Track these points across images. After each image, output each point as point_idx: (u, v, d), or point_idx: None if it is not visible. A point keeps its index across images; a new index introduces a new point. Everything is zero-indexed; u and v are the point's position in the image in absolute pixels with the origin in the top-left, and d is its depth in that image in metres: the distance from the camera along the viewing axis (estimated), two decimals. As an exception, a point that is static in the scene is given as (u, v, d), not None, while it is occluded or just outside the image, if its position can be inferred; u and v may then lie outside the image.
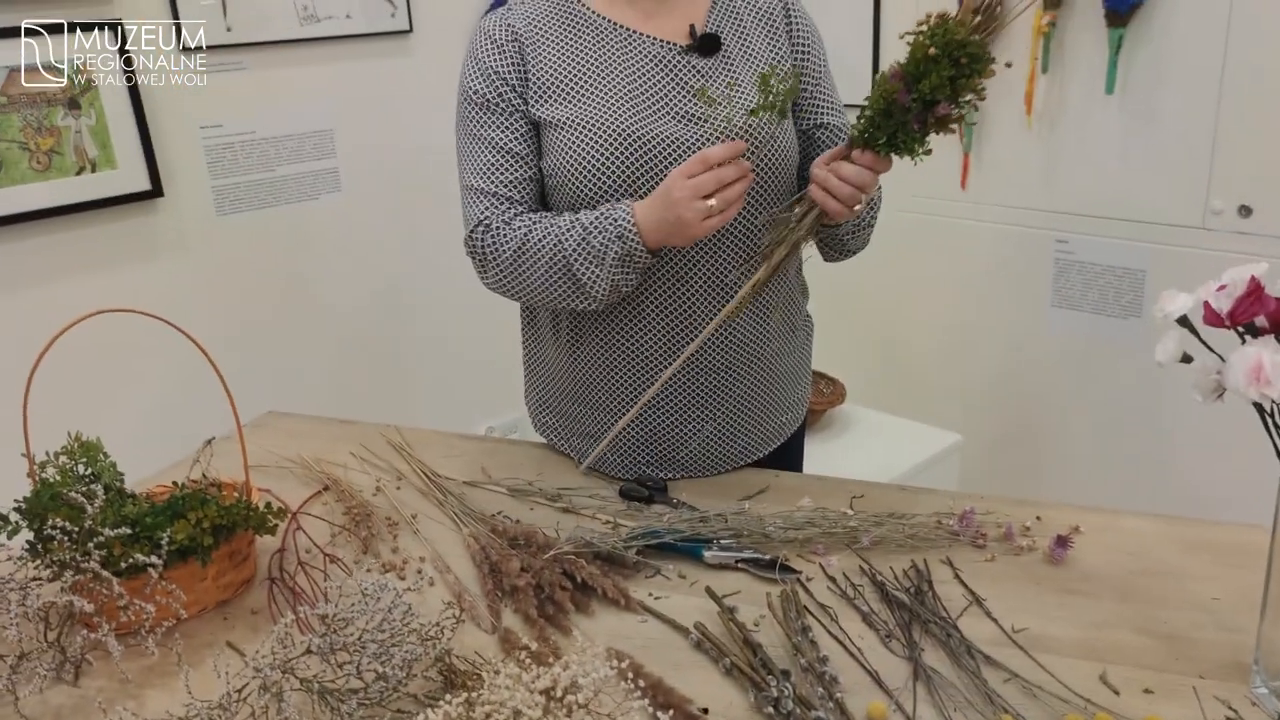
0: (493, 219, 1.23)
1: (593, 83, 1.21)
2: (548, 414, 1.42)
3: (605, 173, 1.19)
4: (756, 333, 1.29)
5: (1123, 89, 1.86)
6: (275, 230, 2.10)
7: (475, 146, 1.24)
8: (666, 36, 1.23)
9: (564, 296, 1.21)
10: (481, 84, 1.23)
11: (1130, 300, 1.98)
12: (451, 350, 2.46)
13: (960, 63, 1.01)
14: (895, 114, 1.04)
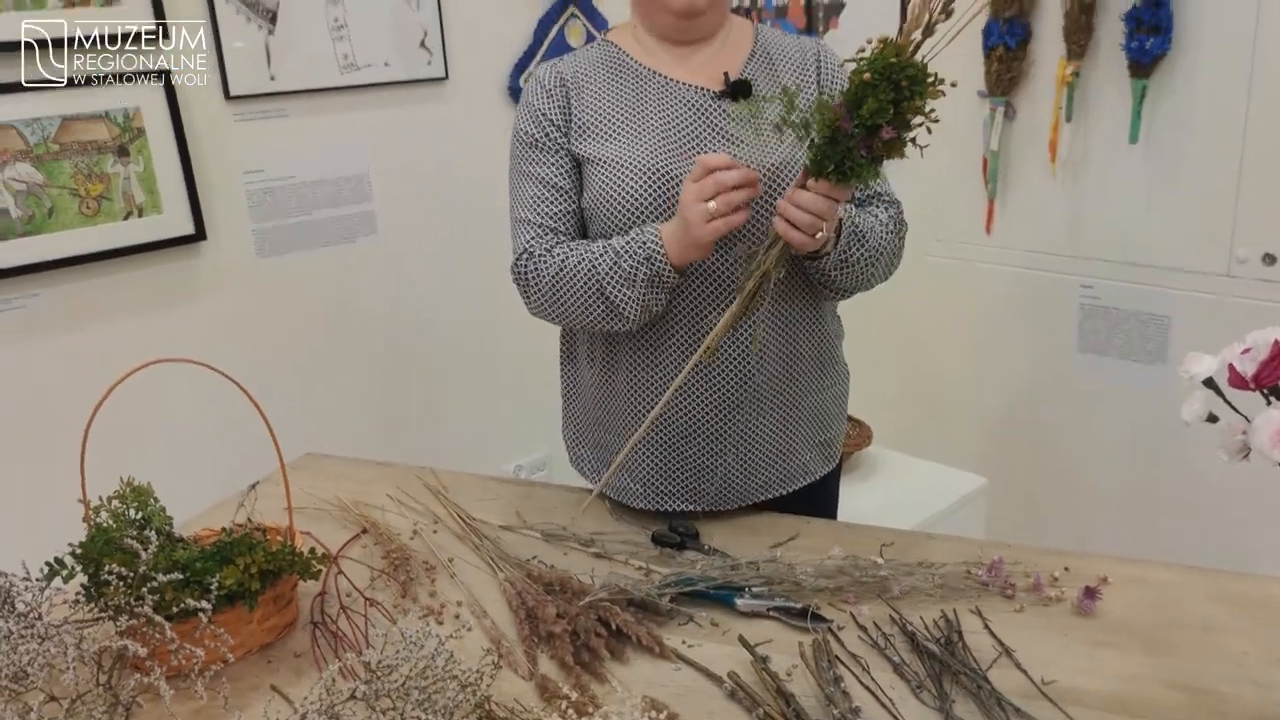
0: (536, 248, 1.32)
1: (630, 124, 1.30)
2: (582, 446, 1.47)
3: (638, 207, 1.26)
4: (783, 369, 1.33)
5: (1147, 138, 1.88)
6: (314, 272, 2.15)
7: (523, 181, 1.34)
8: (702, 83, 1.31)
9: (599, 318, 1.28)
10: (530, 125, 1.33)
11: (1155, 346, 1.99)
12: (482, 389, 2.50)
13: (901, 86, 1.03)
14: (841, 141, 1.07)
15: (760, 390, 1.32)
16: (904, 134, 1.07)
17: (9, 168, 1.72)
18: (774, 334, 1.31)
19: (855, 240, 1.25)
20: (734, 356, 1.30)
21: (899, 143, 1.07)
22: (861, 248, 1.26)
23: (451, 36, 2.25)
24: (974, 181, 2.14)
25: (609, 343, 1.36)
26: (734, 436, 1.33)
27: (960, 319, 2.28)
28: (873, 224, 1.28)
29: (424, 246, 2.32)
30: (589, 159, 1.31)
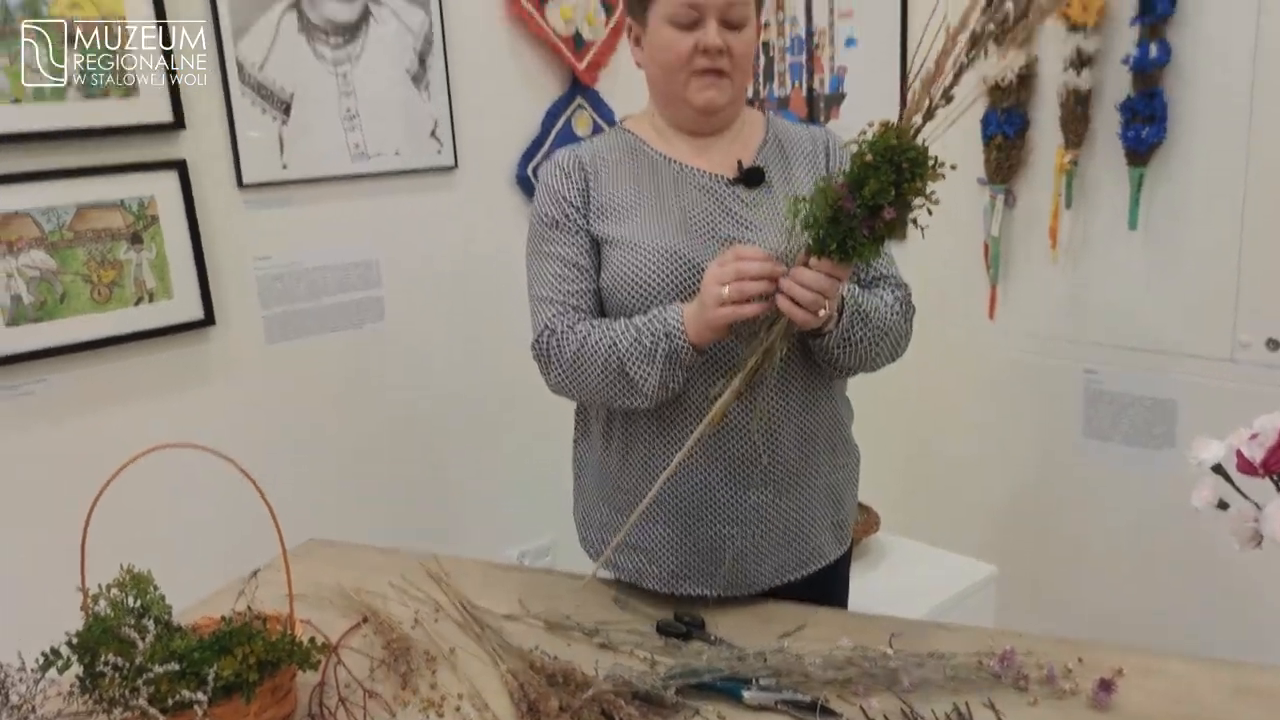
0: (557, 325, 1.34)
1: (647, 208, 1.34)
2: (593, 529, 1.47)
3: (654, 288, 1.29)
4: (796, 447, 1.34)
5: (1146, 225, 1.90)
6: (321, 357, 2.17)
7: (543, 261, 1.38)
8: (716, 170, 1.36)
9: (618, 394, 1.30)
10: (550, 206, 1.37)
11: (1162, 431, 1.99)
12: (486, 475, 2.49)
13: (902, 168, 1.06)
14: (843, 220, 1.10)
15: (773, 468, 1.32)
16: (905, 214, 1.09)
17: (23, 255, 1.75)
18: (787, 412, 1.32)
19: (858, 319, 1.26)
20: (746, 434, 1.31)
21: (900, 223, 1.10)
22: (865, 327, 1.27)
23: (461, 127, 2.30)
24: (976, 267, 2.16)
25: (623, 420, 1.38)
26: (748, 516, 1.33)
27: (965, 403, 2.28)
28: (877, 304, 1.30)
29: (430, 332, 2.34)
30: (607, 240, 1.34)
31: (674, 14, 1.29)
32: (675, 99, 1.34)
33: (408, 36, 2.17)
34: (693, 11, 1.28)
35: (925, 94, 1.10)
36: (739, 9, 1.29)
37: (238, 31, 1.94)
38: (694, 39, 1.29)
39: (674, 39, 1.29)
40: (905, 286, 1.39)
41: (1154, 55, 1.78)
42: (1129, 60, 1.81)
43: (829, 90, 2.29)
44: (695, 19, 1.29)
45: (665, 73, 1.32)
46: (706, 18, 1.28)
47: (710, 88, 1.31)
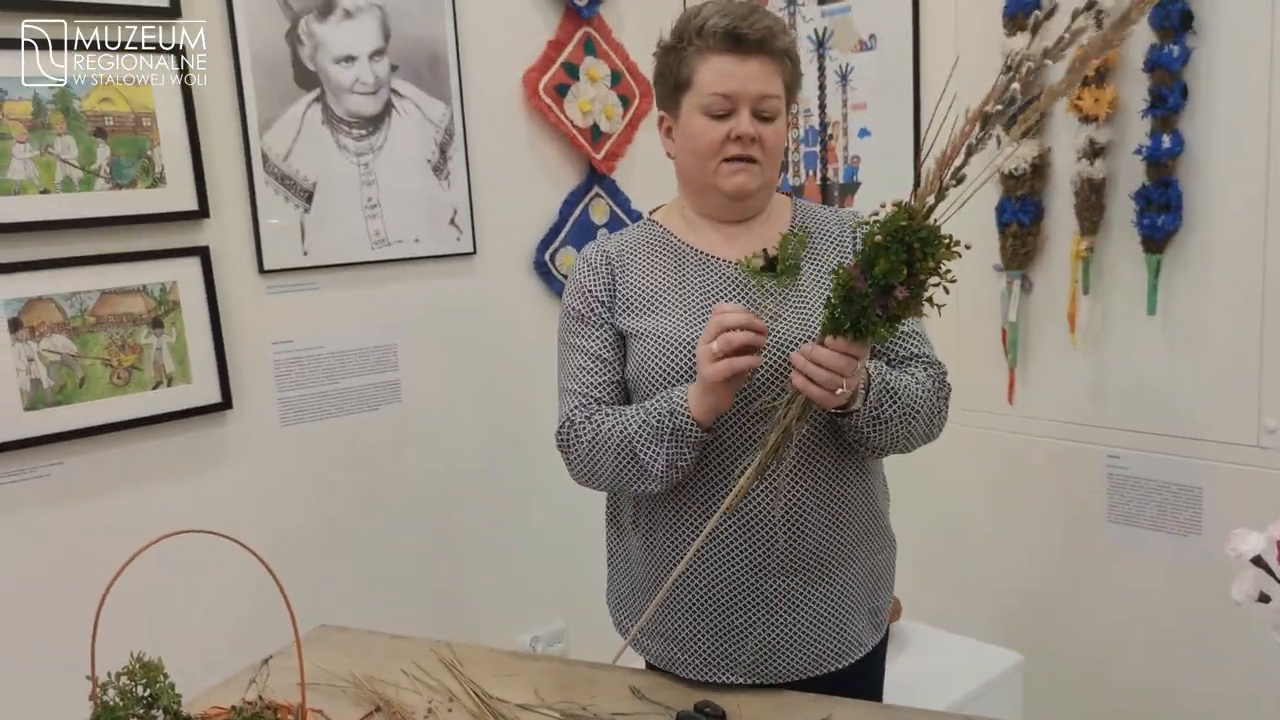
0: (577, 416, 1.35)
1: (672, 299, 1.36)
2: (627, 615, 1.47)
3: (676, 377, 1.30)
4: (832, 533, 1.32)
5: (1165, 310, 1.90)
6: (336, 440, 2.16)
7: (569, 353, 1.40)
8: (741, 258, 1.35)
9: (631, 479, 1.31)
10: (577, 300, 1.40)
11: (1189, 517, 1.95)
12: (499, 558, 2.46)
13: (913, 247, 1.06)
14: (855, 300, 1.10)
15: (799, 555, 1.31)
16: (919, 294, 1.09)
17: (45, 339, 1.76)
18: (816, 497, 1.31)
19: (887, 397, 1.25)
20: (767, 519, 1.29)
21: (914, 302, 1.10)
22: (894, 404, 1.26)
23: (480, 214, 2.34)
24: (994, 352, 2.15)
25: (649, 506, 1.37)
26: (774, 604, 1.31)
27: (986, 487, 2.25)
28: (907, 382, 1.30)
29: (445, 415, 2.33)
30: (632, 332, 1.36)
31: (708, 104, 1.32)
32: (706, 186, 1.36)
33: (429, 128, 2.22)
34: (726, 102, 1.31)
35: (938, 174, 1.11)
36: (771, 101, 1.32)
37: (264, 124, 1.98)
38: (726, 128, 1.31)
39: (707, 128, 1.32)
40: (939, 365, 1.38)
41: (1167, 146, 1.79)
42: (1142, 151, 1.83)
43: (843, 180, 2.32)
44: (728, 109, 1.31)
45: (697, 160, 1.34)
46: (739, 108, 1.31)
47: (741, 173, 1.33)
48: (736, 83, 1.30)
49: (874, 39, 2.23)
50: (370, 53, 2.11)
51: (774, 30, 1.32)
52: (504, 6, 2.34)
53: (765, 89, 1.32)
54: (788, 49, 1.35)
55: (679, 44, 1.35)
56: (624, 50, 2.53)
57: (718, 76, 1.31)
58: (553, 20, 2.41)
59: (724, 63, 1.31)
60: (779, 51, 1.33)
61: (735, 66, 1.30)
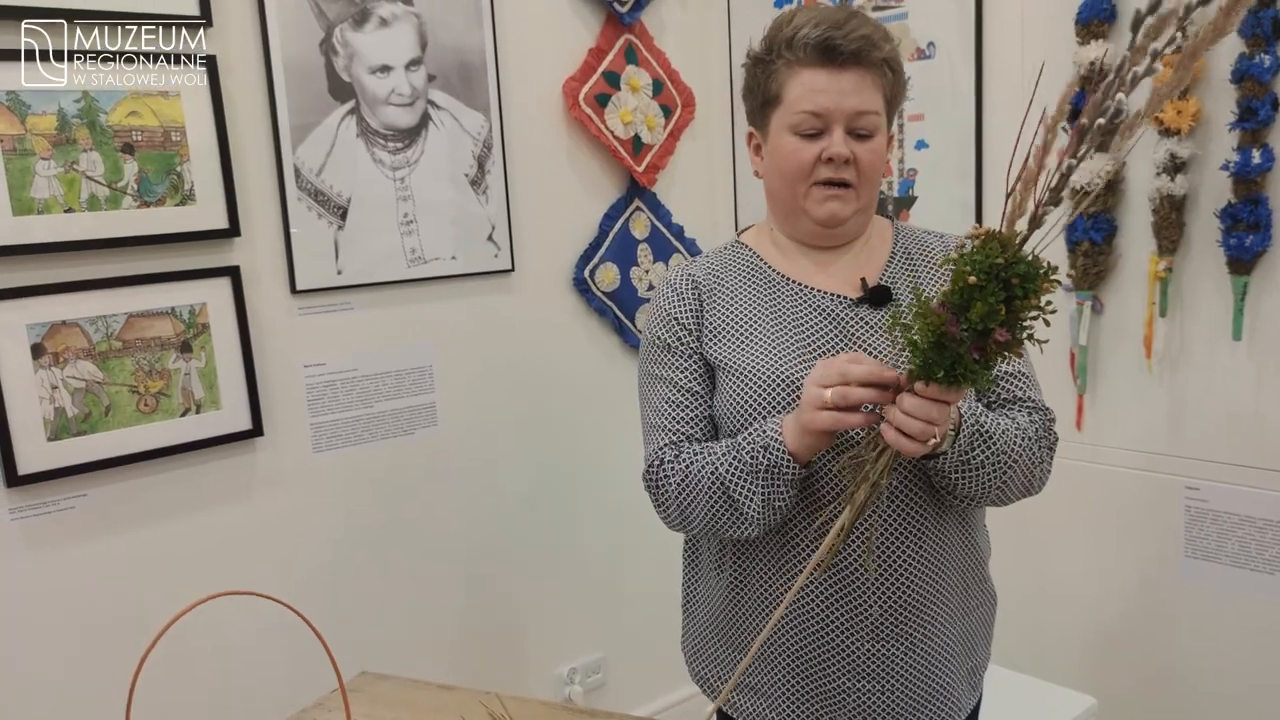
0: (665, 455, 1.25)
1: (763, 331, 1.24)
2: (703, 663, 1.36)
3: (768, 416, 1.20)
4: (927, 595, 1.21)
5: (1251, 335, 1.79)
6: (369, 466, 2.07)
7: (654, 385, 1.29)
8: (839, 289, 1.26)
9: (726, 522, 1.20)
10: (662, 328, 1.29)
11: (1274, 554, 1.83)
12: (537, 589, 2.36)
13: (1011, 284, 0.94)
14: (949, 346, 0.98)
15: (905, 617, 1.20)
16: (1019, 333, 0.98)
17: (69, 366, 1.68)
18: (917, 554, 1.20)
19: (979, 440, 1.14)
20: (859, 578, 1.19)
21: (1015, 343, 0.98)
22: (987, 449, 1.15)
23: (519, 230, 2.24)
24: (1063, 376, 2.04)
25: (735, 552, 1.27)
26: (870, 669, 1.20)
27: (1056, 519, 2.13)
28: (1006, 426, 1.18)
29: (483, 437, 2.24)
30: (721, 365, 1.25)
31: (797, 122, 1.20)
32: (795, 211, 1.25)
33: (466, 140, 2.12)
34: (817, 120, 1.20)
35: (1028, 196, 1.00)
36: (868, 118, 1.20)
37: (296, 137, 1.89)
38: (818, 148, 1.20)
39: (797, 148, 1.21)
40: (1046, 411, 1.27)
41: (1257, 161, 1.68)
42: (1228, 166, 1.72)
43: (899, 193, 2.22)
44: (820, 128, 1.20)
45: (786, 183, 1.24)
46: (832, 126, 1.19)
47: (833, 199, 1.22)
48: (829, 99, 1.18)
49: (932, 47, 2.13)
50: (407, 62, 2.02)
51: (872, 39, 1.20)
52: (544, 13, 2.24)
53: (861, 104, 1.19)
54: (888, 58, 1.22)
55: (768, 56, 1.23)
56: (665, 58, 2.43)
57: (808, 92, 1.19)
58: (594, 27, 2.31)
59: (816, 77, 1.19)
60: (878, 62, 1.20)
61: (828, 81, 1.19)
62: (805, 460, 1.15)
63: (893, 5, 2.17)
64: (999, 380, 1.26)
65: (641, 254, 2.45)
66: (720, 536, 1.27)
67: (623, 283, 2.41)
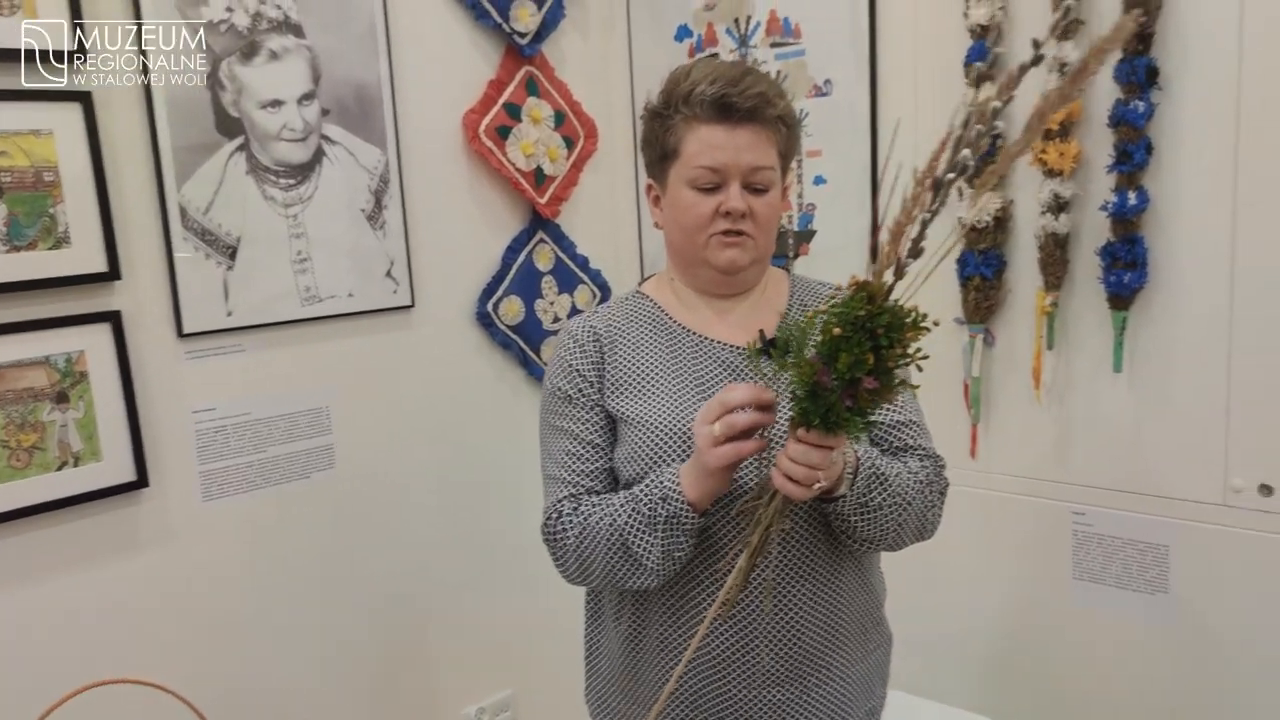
0: (565, 506, 1.25)
1: (664, 384, 1.25)
2: (605, 716, 1.37)
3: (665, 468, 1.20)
4: (825, 638, 1.23)
5: (1131, 367, 1.86)
6: (264, 513, 2.00)
7: (555, 436, 1.29)
8: (738, 340, 1.28)
9: (625, 574, 1.20)
10: (563, 380, 1.29)
11: (1155, 575, 1.92)
12: (441, 629, 2.32)
13: (877, 334, 0.97)
14: (822, 395, 1.01)
15: (802, 662, 1.21)
16: (890, 381, 1.01)
17: (-66, 422, 1.58)
18: (812, 599, 1.22)
19: (876, 483, 1.17)
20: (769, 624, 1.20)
21: (885, 391, 1.01)
22: (884, 491, 1.18)
23: (418, 265, 2.20)
24: (957, 406, 2.10)
25: (634, 603, 1.28)
26: (775, 716, 1.21)
27: (952, 544, 2.18)
28: (900, 470, 1.22)
29: (384, 476, 2.19)
30: (622, 417, 1.26)
31: (695, 177, 1.22)
32: (695, 261, 1.26)
33: (362, 175, 2.07)
34: (714, 175, 1.21)
35: (895, 248, 1.02)
36: (763, 173, 1.23)
37: (181, 174, 1.82)
38: (716, 201, 1.22)
39: (695, 201, 1.22)
40: (938, 458, 1.31)
41: (1133, 203, 1.76)
42: (1107, 206, 1.79)
43: (798, 227, 2.25)
44: (717, 182, 1.22)
45: (685, 235, 1.25)
46: (729, 181, 1.21)
47: (732, 246, 1.24)
48: (726, 155, 1.21)
49: (829, 84, 2.16)
50: (299, 96, 1.96)
51: (767, 96, 1.22)
52: (442, 45, 2.21)
53: (757, 160, 1.22)
54: (783, 115, 1.25)
55: (665, 110, 1.25)
56: (567, 89, 2.42)
57: (706, 148, 1.21)
58: (494, 59, 2.29)
59: (712, 133, 1.21)
60: (772, 119, 1.23)
61: (724, 138, 1.21)
62: (703, 509, 1.16)
63: (791, 42, 2.20)
64: (892, 429, 1.30)
65: (546, 286, 2.43)
66: (619, 588, 1.27)
67: (527, 315, 2.38)
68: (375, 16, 2.07)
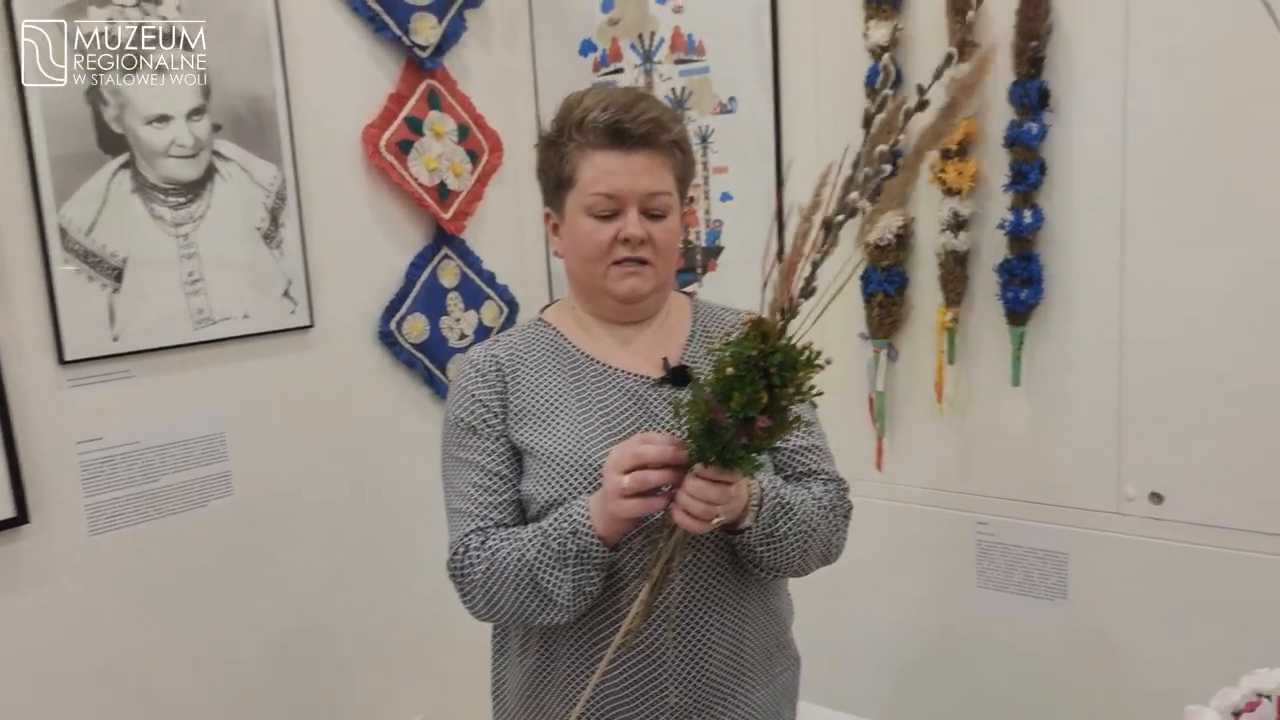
0: (472, 541, 1.21)
1: (568, 414, 1.23)
2: None
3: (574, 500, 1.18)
4: (730, 669, 1.22)
5: (1029, 381, 1.91)
6: (157, 546, 1.91)
7: (459, 468, 1.25)
8: (641, 369, 1.26)
9: (535, 610, 1.17)
10: (465, 410, 1.25)
11: (1055, 582, 1.97)
12: (349, 657, 2.26)
13: (770, 373, 0.98)
14: (716, 433, 1.01)
15: (708, 693, 1.21)
16: (783, 418, 1.01)
17: None
18: (719, 627, 1.22)
19: (781, 513, 1.17)
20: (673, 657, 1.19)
21: (779, 428, 1.02)
22: (789, 521, 1.18)
23: (318, 284, 2.13)
24: (862, 420, 2.13)
25: (540, 637, 1.25)
26: None
27: (860, 555, 2.20)
28: (804, 497, 1.22)
29: (285, 502, 2.12)
30: (527, 449, 1.23)
31: (592, 204, 1.21)
32: (595, 289, 1.25)
33: (257, 192, 2.00)
34: (611, 202, 1.20)
35: (787, 286, 1.02)
36: (661, 199, 1.22)
37: (61, 194, 1.73)
38: (614, 229, 1.21)
39: (593, 229, 1.21)
40: (840, 481, 1.32)
41: (1028, 221, 1.81)
42: (1004, 225, 1.83)
43: (706, 243, 2.25)
44: (614, 209, 1.21)
45: (585, 264, 1.23)
46: (627, 207, 1.20)
47: (632, 275, 1.23)
48: (622, 181, 1.20)
49: (734, 101, 2.17)
50: (188, 112, 1.88)
51: (661, 121, 1.22)
52: (339, 58, 2.15)
53: (653, 186, 1.22)
54: (677, 139, 1.25)
55: (559, 138, 1.23)
56: (470, 103, 2.38)
57: (601, 175, 1.20)
58: (393, 72, 2.23)
59: (607, 159, 1.20)
60: (667, 144, 1.23)
61: (619, 163, 1.20)
62: (614, 543, 1.14)
63: (695, 59, 2.20)
64: (796, 454, 1.30)
65: (452, 303, 2.38)
66: (528, 624, 1.24)
67: (432, 333, 2.34)
68: (268, 29, 2.00)
